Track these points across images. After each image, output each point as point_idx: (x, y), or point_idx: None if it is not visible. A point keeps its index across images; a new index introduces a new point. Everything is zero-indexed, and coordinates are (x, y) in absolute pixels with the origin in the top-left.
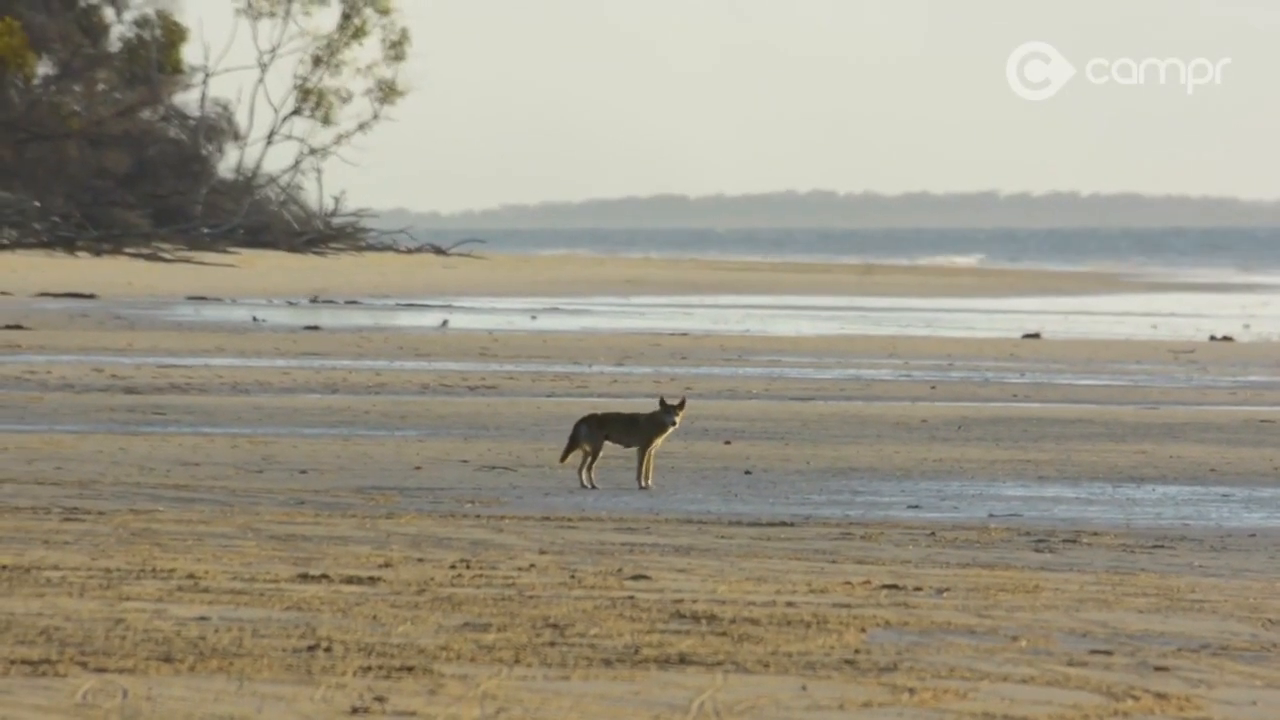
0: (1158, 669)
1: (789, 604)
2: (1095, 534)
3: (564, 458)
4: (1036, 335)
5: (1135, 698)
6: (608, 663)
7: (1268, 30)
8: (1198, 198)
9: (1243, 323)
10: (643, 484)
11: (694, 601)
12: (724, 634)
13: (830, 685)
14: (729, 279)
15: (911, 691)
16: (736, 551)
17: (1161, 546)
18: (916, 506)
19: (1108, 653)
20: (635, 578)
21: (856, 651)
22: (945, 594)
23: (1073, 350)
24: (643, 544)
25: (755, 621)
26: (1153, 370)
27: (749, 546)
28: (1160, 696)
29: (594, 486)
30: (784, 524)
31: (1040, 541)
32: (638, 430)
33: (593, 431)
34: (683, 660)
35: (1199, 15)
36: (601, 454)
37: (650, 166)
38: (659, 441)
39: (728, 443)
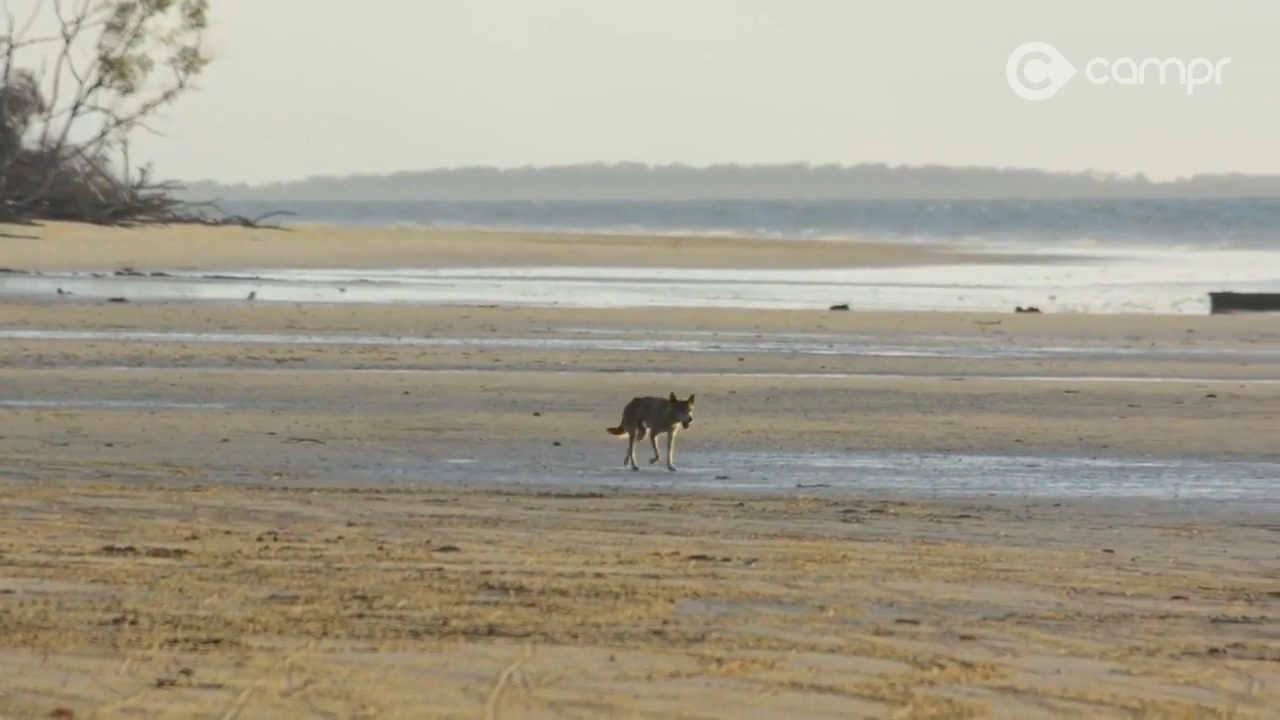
0: (963, 638)
1: (597, 575)
2: (902, 504)
3: (618, 431)
4: (844, 307)
5: (941, 666)
6: (416, 634)
7: (1268, 30)
8: (1003, 170)
9: (1048, 294)
10: (669, 465)
11: (502, 573)
12: (532, 605)
13: (638, 656)
14: (538, 251)
15: (719, 661)
16: (545, 523)
17: (968, 516)
18: (725, 477)
19: (914, 622)
20: (444, 549)
21: (665, 622)
22: (753, 564)
23: (880, 322)
24: (451, 516)
25: (564, 592)
26: (960, 341)
27: (557, 518)
28: (966, 665)
29: (634, 467)
30: (593, 495)
31: (848, 512)
32: (661, 416)
33: (628, 414)
34: (491, 631)
35: (1199, 15)
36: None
37: (459, 138)
38: (675, 429)
39: (536, 414)
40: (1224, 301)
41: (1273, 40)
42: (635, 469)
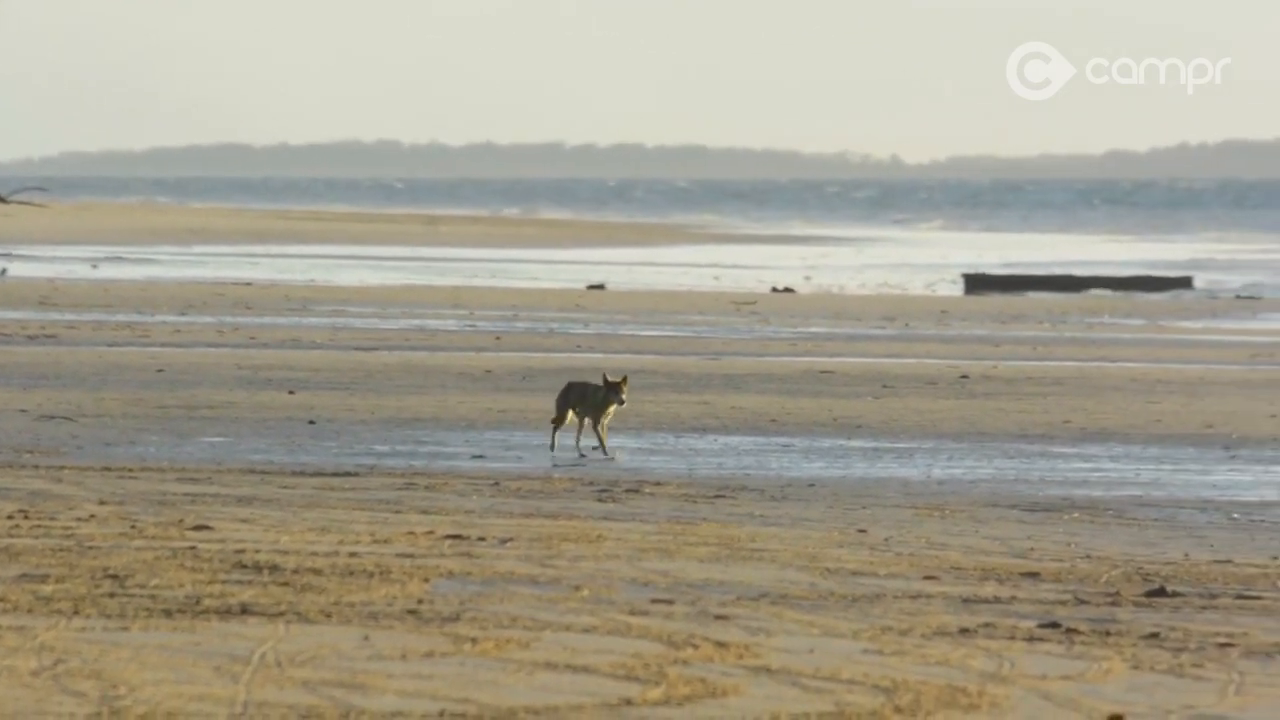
0: (718, 617)
1: (352, 554)
2: (658, 484)
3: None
4: (601, 286)
5: (695, 646)
6: (168, 613)
7: (1268, 30)
8: (760, 150)
9: (804, 274)
10: (578, 451)
11: (256, 552)
12: (286, 584)
13: (393, 635)
14: (294, 228)
15: (474, 641)
16: (299, 502)
17: (723, 496)
18: (481, 456)
19: (669, 601)
20: (197, 528)
21: (420, 601)
22: (508, 544)
23: (637, 301)
24: (205, 494)
25: (318, 572)
26: (716, 321)
27: (312, 497)
28: (720, 645)
29: (581, 453)
30: (348, 474)
31: (603, 491)
32: (595, 400)
33: (560, 400)
34: (244, 610)
35: (1199, 15)
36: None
37: (213, 114)
38: (607, 415)
39: (291, 392)
40: (977, 283)
41: (1273, 40)
42: (577, 456)
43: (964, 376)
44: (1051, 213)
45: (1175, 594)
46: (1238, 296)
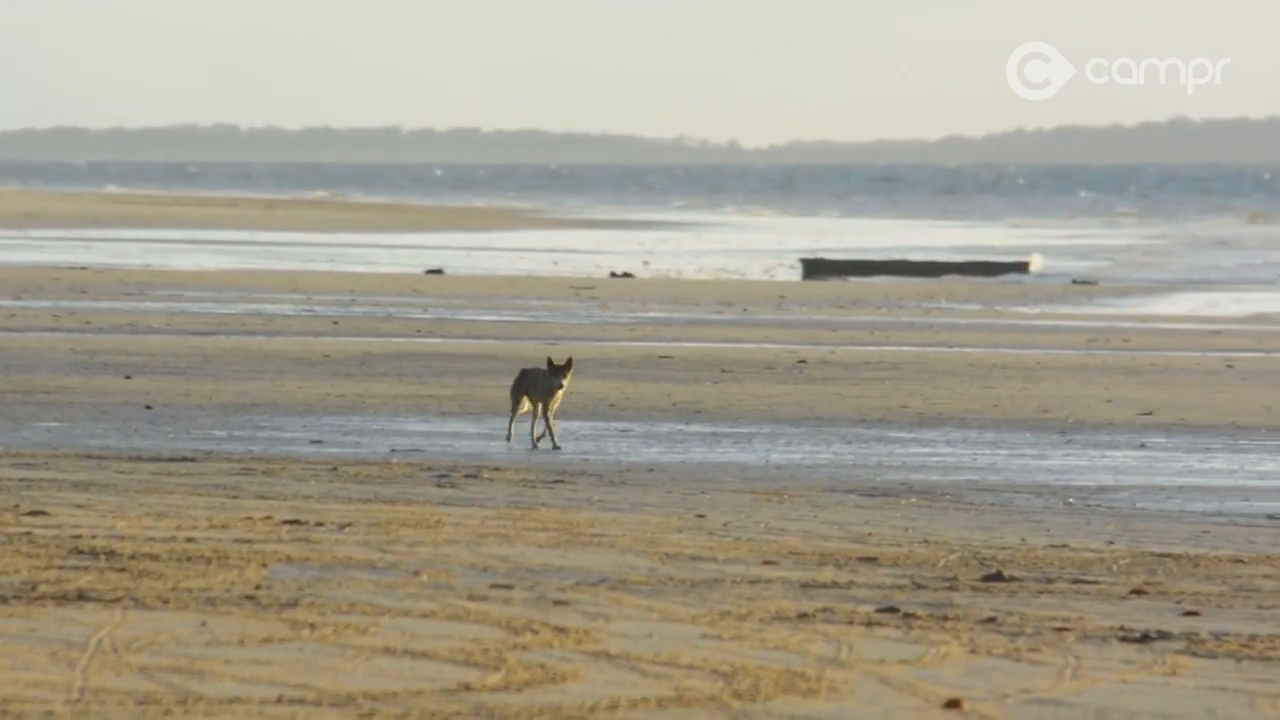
0: (557, 603)
1: (189, 540)
2: (497, 469)
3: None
4: (439, 271)
5: (534, 631)
6: (3, 600)
7: (1268, 30)
8: (598, 135)
9: (643, 259)
10: (553, 443)
11: (93, 537)
12: (123, 570)
13: (230, 621)
14: (130, 212)
15: (312, 627)
16: (136, 487)
17: (562, 481)
18: (319, 442)
19: (508, 587)
20: (32, 513)
21: (257, 587)
22: (347, 529)
23: (475, 286)
24: (40, 479)
25: (155, 557)
26: (554, 306)
27: (149, 482)
28: (559, 630)
29: (511, 440)
30: (185, 459)
31: (442, 477)
32: (543, 385)
33: (515, 387)
34: (81, 597)
35: (1199, 15)
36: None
37: (48, 98)
38: (555, 400)
39: (128, 377)
40: (815, 268)
41: (1273, 40)
42: (530, 445)
43: (802, 361)
44: (886, 198)
45: (1012, 579)
46: (1073, 281)
